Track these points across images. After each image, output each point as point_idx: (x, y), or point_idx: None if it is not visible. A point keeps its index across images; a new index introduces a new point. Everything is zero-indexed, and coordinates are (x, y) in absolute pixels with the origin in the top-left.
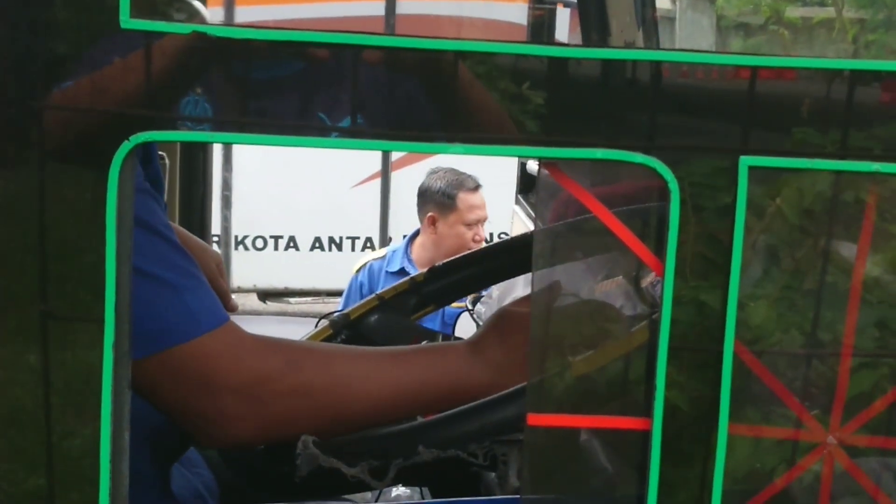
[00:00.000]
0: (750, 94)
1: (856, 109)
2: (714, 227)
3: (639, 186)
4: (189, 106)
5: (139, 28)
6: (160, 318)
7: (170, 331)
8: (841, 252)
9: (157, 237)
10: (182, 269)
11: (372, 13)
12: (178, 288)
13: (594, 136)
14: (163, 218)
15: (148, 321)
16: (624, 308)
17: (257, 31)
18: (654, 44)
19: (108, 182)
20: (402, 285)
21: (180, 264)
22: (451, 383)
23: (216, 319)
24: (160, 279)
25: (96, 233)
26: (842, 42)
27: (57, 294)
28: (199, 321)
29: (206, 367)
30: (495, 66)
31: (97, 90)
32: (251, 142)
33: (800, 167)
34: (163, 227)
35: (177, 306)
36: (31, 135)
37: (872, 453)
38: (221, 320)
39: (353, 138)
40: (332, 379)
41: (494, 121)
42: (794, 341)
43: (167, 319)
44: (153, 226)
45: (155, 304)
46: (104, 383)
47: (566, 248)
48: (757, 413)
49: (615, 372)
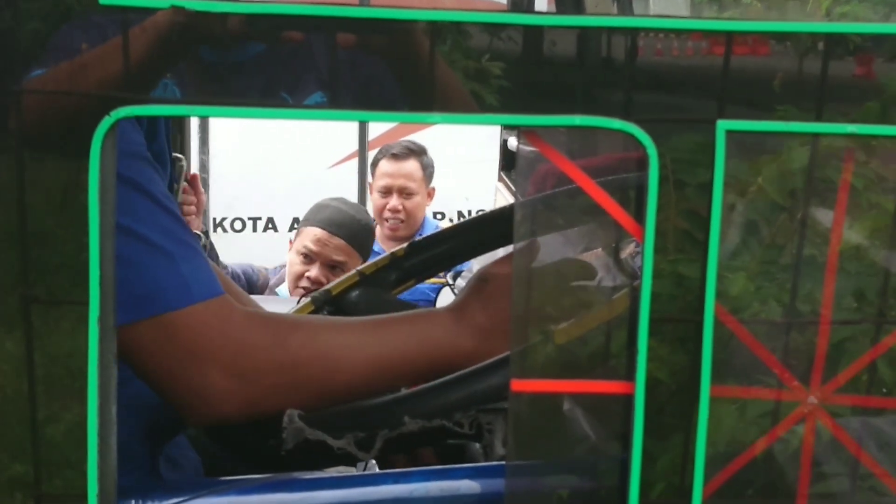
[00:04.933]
0: (726, 59)
1: (831, 73)
2: (693, 193)
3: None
4: (161, 88)
5: (117, 3)
6: (153, 283)
7: (161, 297)
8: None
9: (156, 204)
10: (179, 238)
11: None
12: (173, 255)
13: (573, 102)
14: (162, 187)
15: (140, 285)
16: (605, 276)
17: (235, 5)
18: None
19: (90, 158)
20: (382, 260)
21: (178, 233)
22: (435, 351)
23: (209, 291)
24: (156, 245)
25: (79, 211)
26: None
27: (41, 275)
28: (191, 290)
29: (194, 338)
30: (472, 37)
31: (79, 69)
32: (233, 114)
33: (776, 130)
34: (162, 196)
35: (171, 273)
36: (11, 115)
37: (852, 412)
38: (214, 293)
39: (332, 109)
40: (320, 352)
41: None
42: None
43: (160, 285)
44: (152, 192)
45: (149, 268)
46: (90, 357)
47: (547, 218)
48: (739, 376)
49: (598, 337)
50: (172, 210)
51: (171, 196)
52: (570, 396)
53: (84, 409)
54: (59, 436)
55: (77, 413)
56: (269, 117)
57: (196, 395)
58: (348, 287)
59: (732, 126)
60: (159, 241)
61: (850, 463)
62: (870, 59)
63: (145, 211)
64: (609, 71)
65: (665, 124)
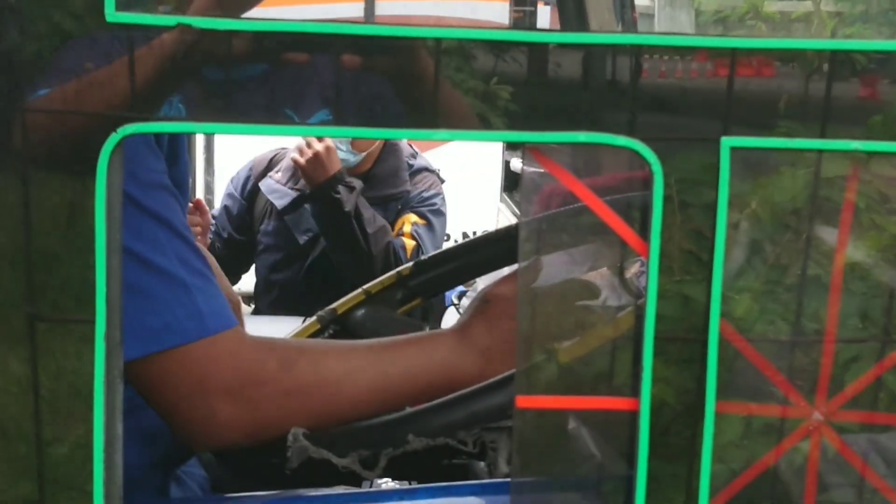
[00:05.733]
0: (730, 76)
1: (836, 90)
2: (698, 209)
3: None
4: (166, 107)
5: (125, 21)
6: (170, 315)
7: (178, 329)
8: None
9: (175, 235)
10: (196, 268)
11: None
12: (190, 287)
13: (577, 120)
14: (181, 217)
15: (156, 317)
16: (609, 297)
17: (241, 23)
18: None
19: (96, 175)
20: (388, 279)
21: (195, 264)
22: (440, 372)
23: (223, 322)
24: (174, 276)
25: (85, 228)
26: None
27: (47, 292)
28: (206, 322)
29: (206, 369)
30: (478, 55)
31: (86, 86)
32: (238, 131)
33: (780, 147)
34: (181, 226)
35: (186, 305)
36: (18, 133)
37: (857, 429)
38: (228, 324)
39: (335, 126)
40: (324, 377)
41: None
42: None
43: (177, 317)
44: (171, 223)
45: (166, 300)
46: (96, 375)
47: (551, 237)
48: (743, 394)
49: (602, 355)
50: (190, 240)
51: (188, 226)
52: (575, 415)
53: (90, 428)
54: (65, 454)
55: (83, 431)
56: (274, 133)
57: (203, 423)
58: (354, 306)
59: (737, 143)
60: (177, 272)
61: (856, 479)
62: (874, 79)
63: (165, 241)
64: (613, 88)
65: (670, 141)
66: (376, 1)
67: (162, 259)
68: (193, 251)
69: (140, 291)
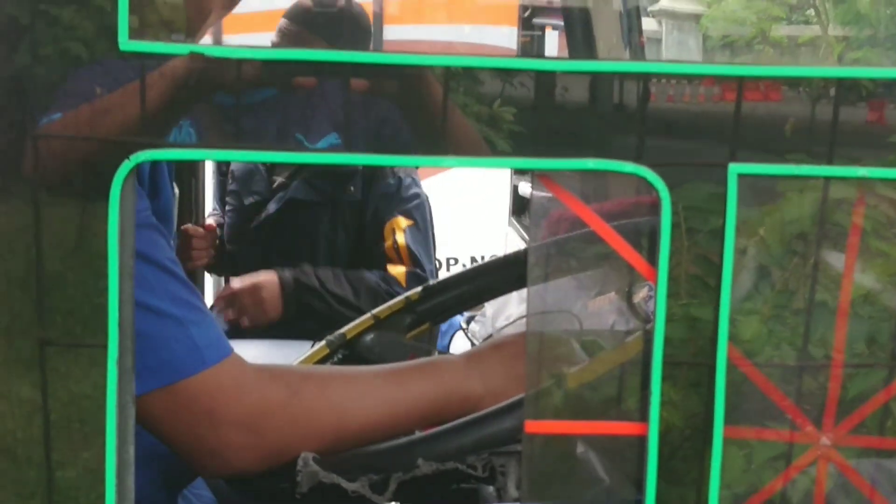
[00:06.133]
0: (737, 103)
1: (843, 117)
2: (705, 236)
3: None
4: (176, 131)
5: (138, 50)
6: (166, 352)
7: (175, 365)
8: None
9: (163, 272)
10: (188, 303)
11: None
12: (183, 322)
13: (585, 146)
14: (168, 252)
15: (153, 356)
16: (617, 322)
17: (252, 51)
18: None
19: (109, 202)
20: (396, 304)
21: (186, 298)
22: (447, 397)
23: (220, 353)
24: (166, 314)
25: (99, 254)
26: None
27: (59, 317)
28: (203, 355)
29: (210, 401)
30: (485, 82)
31: (97, 114)
32: (249, 158)
33: (787, 174)
34: (168, 262)
35: (182, 341)
36: (29, 159)
37: (865, 454)
38: (225, 353)
39: (345, 153)
40: (331, 402)
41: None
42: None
43: (173, 354)
44: (159, 261)
45: (161, 338)
46: (108, 399)
47: (560, 262)
48: (751, 419)
49: (611, 380)
50: (179, 274)
51: (176, 259)
52: (584, 439)
53: (101, 452)
54: (74, 479)
55: (94, 456)
56: (284, 161)
57: (212, 453)
58: (363, 331)
59: (744, 170)
60: (169, 309)
61: None
62: (882, 104)
63: (154, 280)
64: (621, 115)
65: (677, 167)
66: (384, 24)
67: (153, 299)
68: (183, 285)
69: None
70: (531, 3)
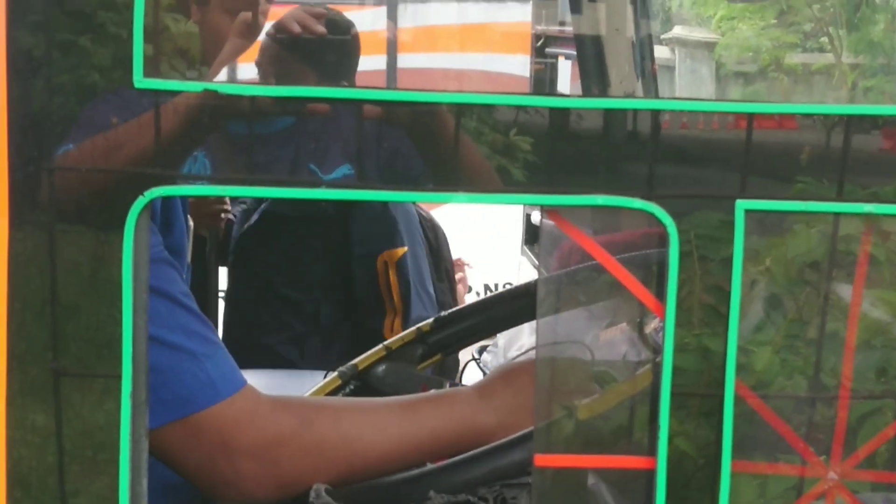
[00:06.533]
0: (747, 140)
1: (853, 154)
2: (713, 271)
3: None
4: (190, 162)
5: (153, 87)
6: (180, 386)
7: (190, 398)
8: (839, 295)
9: (177, 305)
10: (201, 336)
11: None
12: (197, 355)
13: (594, 182)
14: (182, 286)
15: (168, 390)
16: (628, 353)
17: (265, 88)
18: (653, 93)
19: (123, 237)
20: (408, 335)
21: (200, 332)
22: (459, 429)
23: (234, 385)
24: (180, 347)
25: (112, 288)
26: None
27: (73, 350)
28: (217, 388)
29: (224, 432)
30: (496, 121)
31: (112, 148)
32: (262, 194)
33: (795, 210)
34: (181, 296)
35: (196, 374)
36: (46, 192)
37: (874, 488)
38: (239, 385)
39: (358, 188)
40: (344, 434)
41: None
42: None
43: (187, 388)
44: (172, 295)
45: (175, 372)
46: (122, 431)
47: (570, 294)
48: (762, 450)
49: (622, 412)
50: (192, 308)
51: (189, 293)
52: (595, 471)
53: (114, 483)
54: None
55: (107, 486)
56: (297, 196)
57: (226, 483)
58: (374, 362)
59: (752, 206)
60: (182, 342)
61: None
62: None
63: (167, 314)
64: (630, 151)
65: (686, 205)
66: (398, 53)
67: (167, 333)
68: (196, 318)
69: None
70: (544, 33)
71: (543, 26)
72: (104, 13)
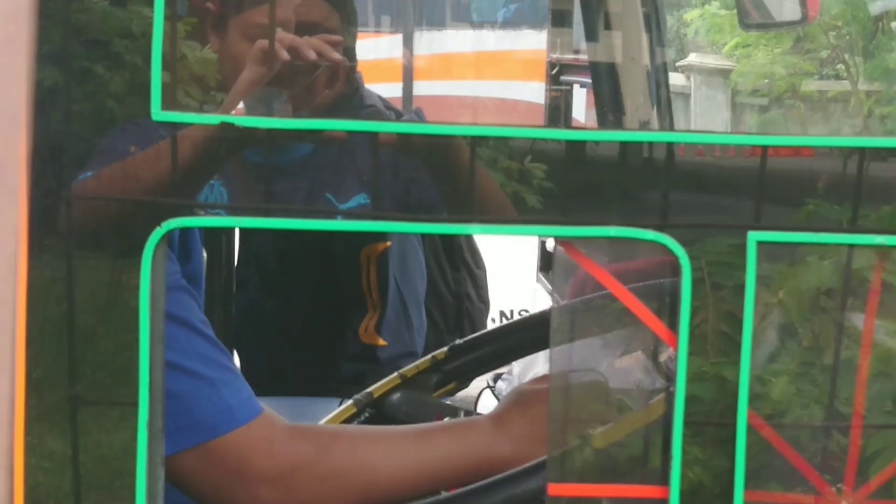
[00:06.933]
0: (760, 171)
1: (865, 186)
2: (727, 298)
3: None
4: (207, 191)
5: (170, 120)
6: (198, 412)
7: (207, 425)
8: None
9: (194, 333)
10: (219, 363)
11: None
12: (214, 382)
13: (607, 212)
14: (199, 314)
15: (185, 416)
16: (642, 382)
17: (282, 122)
18: (668, 121)
19: (140, 268)
20: (423, 363)
21: (217, 359)
22: (474, 458)
23: (251, 412)
24: (197, 374)
25: (130, 316)
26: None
27: (91, 377)
28: (234, 414)
29: (240, 459)
30: (511, 148)
31: (129, 178)
32: (279, 226)
33: (807, 241)
34: (199, 323)
35: (214, 400)
36: (63, 222)
37: None
38: (256, 412)
39: (373, 220)
40: (360, 461)
41: (506, 206)
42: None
43: (204, 414)
44: (190, 322)
45: (193, 398)
46: (139, 460)
47: (584, 323)
48: (778, 476)
49: (635, 442)
50: (209, 335)
51: (206, 320)
52: (609, 501)
53: None
54: None
55: None
56: (314, 228)
57: None
58: (389, 390)
59: (764, 237)
60: (200, 369)
61: None
62: None
63: (185, 341)
64: (643, 183)
65: (699, 235)
66: (414, 80)
67: (184, 360)
68: (214, 346)
69: (166, 394)
70: (559, 61)
71: (558, 54)
72: (121, 41)
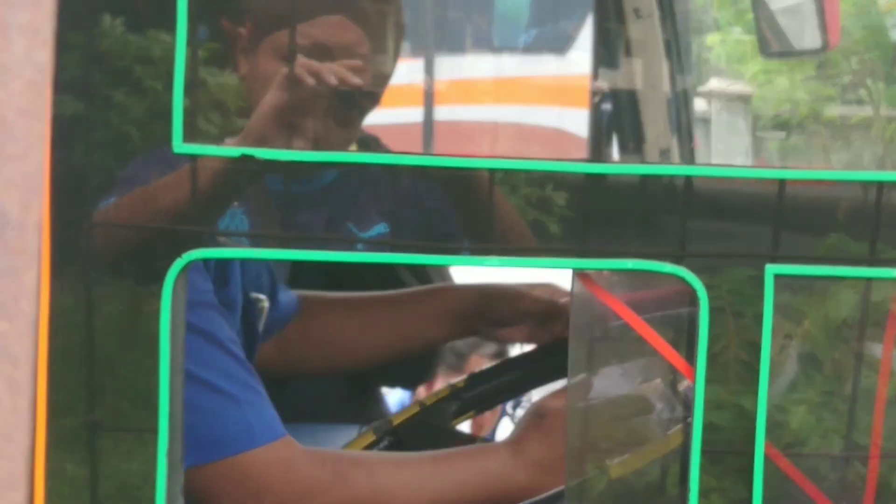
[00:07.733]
0: (778, 204)
1: (884, 218)
2: (747, 327)
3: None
4: (229, 218)
5: (192, 153)
6: (220, 427)
7: (228, 441)
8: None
9: (222, 350)
10: (244, 383)
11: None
12: (239, 400)
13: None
14: (228, 332)
15: (207, 430)
16: (661, 411)
17: (302, 154)
18: (688, 149)
19: (161, 298)
20: (442, 391)
21: (243, 378)
22: (492, 485)
23: (273, 433)
24: (223, 391)
25: (150, 344)
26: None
27: (110, 404)
28: (256, 433)
29: (258, 479)
30: (529, 181)
31: (151, 209)
32: (298, 257)
33: (824, 275)
34: (227, 341)
35: (236, 418)
36: (86, 251)
37: None
38: (278, 434)
39: (391, 251)
40: (377, 488)
41: (525, 234)
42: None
43: (227, 430)
44: (218, 339)
45: (216, 413)
46: (158, 490)
47: (603, 351)
48: None
49: (653, 470)
50: (237, 355)
51: (236, 340)
52: None
53: None
54: None
55: None
56: (333, 260)
57: None
58: (408, 418)
59: (781, 271)
60: (225, 385)
61: None
62: None
63: (212, 357)
64: (661, 217)
65: (717, 267)
66: (434, 105)
67: (210, 375)
68: (241, 365)
69: (190, 406)
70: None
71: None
72: (141, 68)
